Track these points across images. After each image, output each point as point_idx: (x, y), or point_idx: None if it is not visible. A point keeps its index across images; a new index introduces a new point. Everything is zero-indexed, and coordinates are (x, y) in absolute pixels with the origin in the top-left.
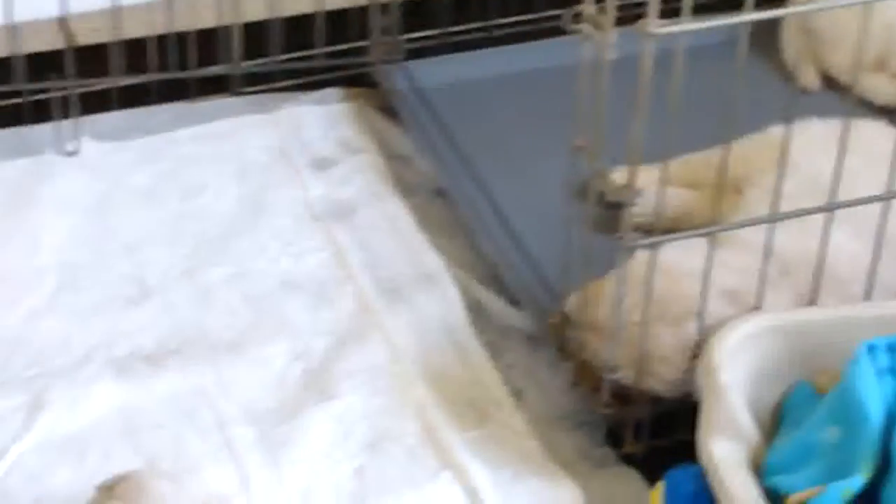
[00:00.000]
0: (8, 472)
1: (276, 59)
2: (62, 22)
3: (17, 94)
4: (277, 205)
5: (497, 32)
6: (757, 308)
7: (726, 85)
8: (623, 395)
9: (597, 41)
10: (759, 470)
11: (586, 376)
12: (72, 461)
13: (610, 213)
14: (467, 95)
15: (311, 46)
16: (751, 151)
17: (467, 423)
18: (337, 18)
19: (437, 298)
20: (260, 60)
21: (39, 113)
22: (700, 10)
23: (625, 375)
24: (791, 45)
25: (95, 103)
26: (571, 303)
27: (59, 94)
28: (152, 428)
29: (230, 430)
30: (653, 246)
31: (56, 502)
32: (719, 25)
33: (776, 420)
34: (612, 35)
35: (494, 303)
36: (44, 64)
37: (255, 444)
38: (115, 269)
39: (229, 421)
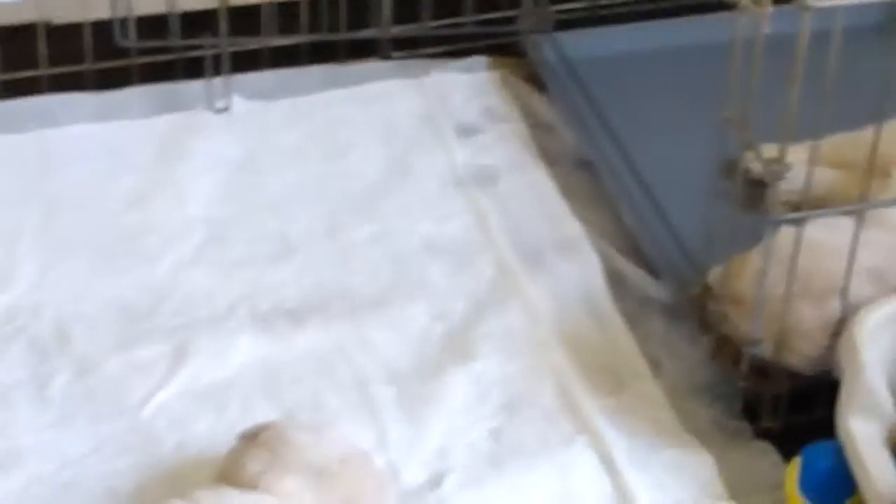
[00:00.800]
0: (152, 417)
1: (425, 26)
2: None
3: (172, 50)
4: (422, 169)
5: (646, 7)
6: None
7: (879, 66)
8: (762, 370)
9: (754, 14)
10: None
11: (725, 349)
12: (213, 410)
13: (756, 188)
14: (614, 68)
15: (461, 14)
16: None
17: (604, 391)
18: None
19: (578, 266)
20: (409, 26)
21: (192, 70)
22: None
23: (765, 350)
24: None
25: (246, 62)
26: (714, 275)
27: (211, 52)
28: (292, 382)
29: (369, 388)
30: (799, 222)
31: (197, 448)
32: (877, 2)
33: None
34: (769, 8)
35: (634, 273)
36: (198, 22)
37: (393, 402)
38: (261, 225)
39: (369, 378)
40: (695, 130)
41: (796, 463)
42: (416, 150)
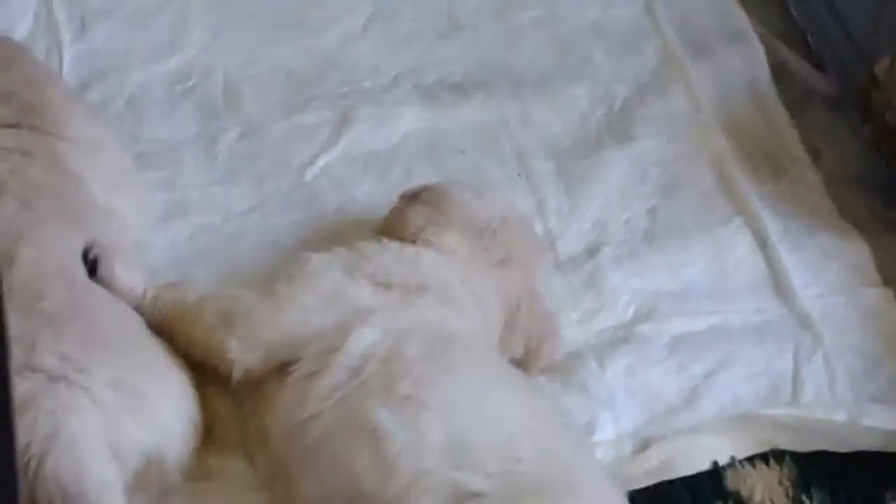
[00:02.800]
0: (316, 177)
1: None
2: None
3: None
4: None
5: None
6: None
7: None
8: None
9: None
10: None
11: (888, 139)
12: (375, 174)
13: None
14: None
15: None
16: None
17: (762, 176)
18: None
19: (742, 55)
20: None
21: None
22: None
23: None
24: None
25: None
26: (881, 66)
27: None
28: (453, 152)
29: (529, 161)
30: None
31: (358, 208)
32: None
33: None
34: None
35: (799, 65)
36: None
37: (552, 175)
38: (429, 2)
39: (529, 152)
40: None
41: None
42: None
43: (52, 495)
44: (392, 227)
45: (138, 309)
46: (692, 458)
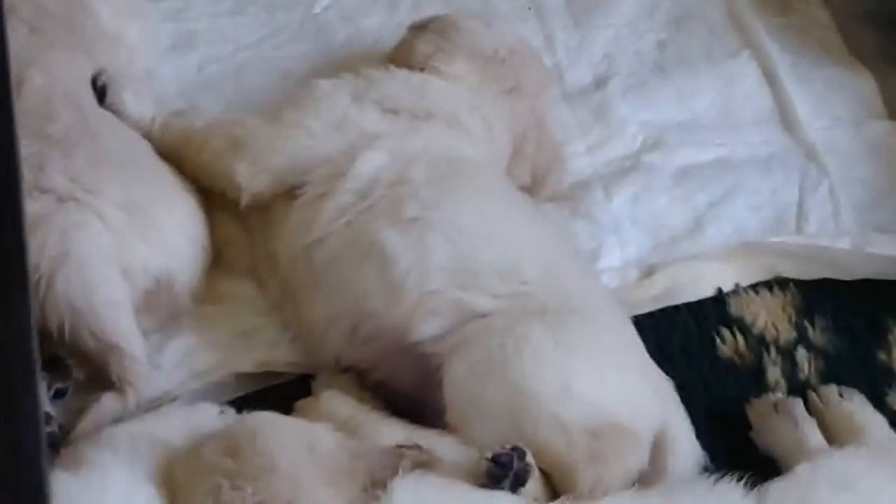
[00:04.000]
0: (326, 9)
1: None
2: None
3: None
4: None
5: None
6: None
7: None
8: None
9: None
10: None
11: None
12: (384, 7)
13: None
14: None
15: None
16: None
17: (772, 11)
18: None
19: None
20: None
21: None
22: None
23: None
24: None
25: None
26: None
27: None
28: None
29: None
30: None
31: (367, 40)
32: None
33: None
34: None
35: None
36: None
37: (562, 8)
38: None
39: None
40: None
41: None
42: None
43: (61, 313)
44: (400, 55)
45: (147, 136)
46: (697, 285)
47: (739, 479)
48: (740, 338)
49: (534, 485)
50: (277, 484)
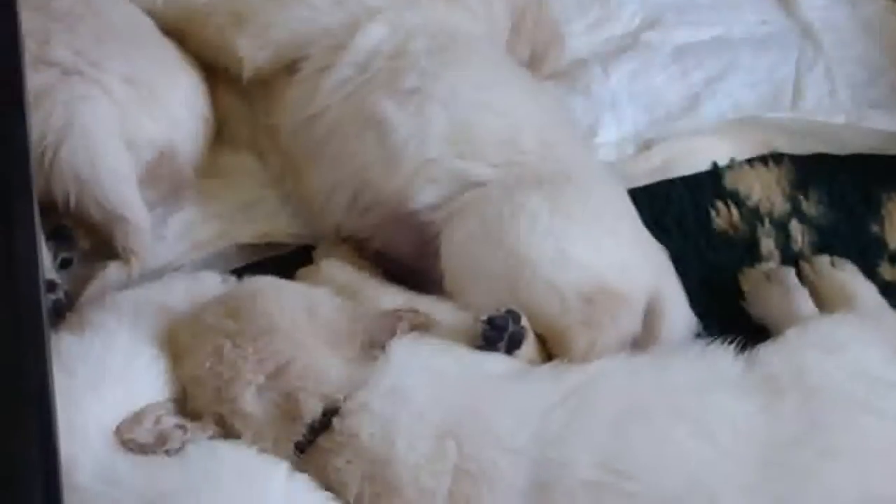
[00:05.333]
0: None
1: None
2: None
3: None
4: None
5: None
6: None
7: None
8: None
9: None
10: None
11: None
12: None
13: None
14: None
15: None
16: None
17: None
18: None
19: None
20: None
21: None
22: None
23: None
24: None
25: None
26: None
27: None
28: None
29: None
30: None
31: None
32: None
33: None
34: None
35: None
36: None
37: None
38: None
39: None
40: None
41: None
42: None
43: (66, 184)
44: None
45: (150, 13)
46: (692, 159)
47: (730, 344)
48: (735, 210)
49: (528, 348)
50: (278, 344)
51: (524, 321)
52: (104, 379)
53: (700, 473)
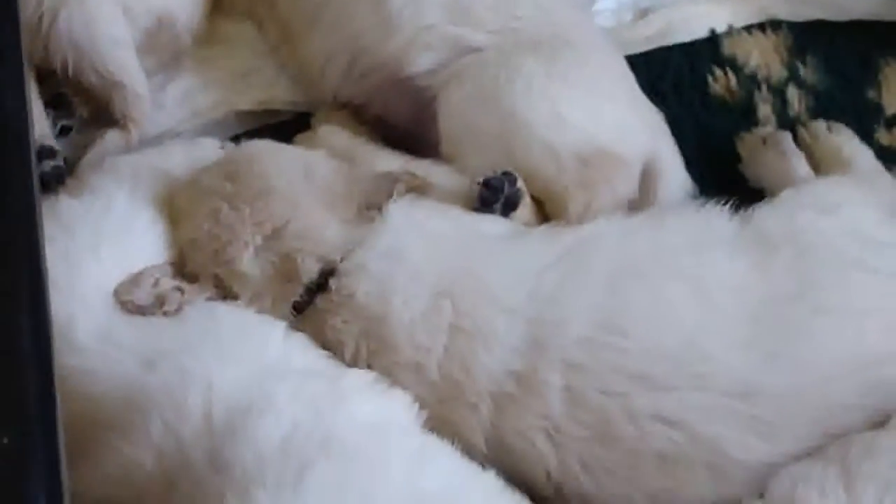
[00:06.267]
0: None
1: None
2: None
3: None
4: None
5: None
6: None
7: None
8: None
9: None
10: None
11: None
12: None
13: None
14: None
15: None
16: None
17: None
18: None
19: None
20: None
21: None
22: None
23: None
24: None
25: None
26: None
27: None
28: None
29: None
30: None
31: None
32: None
33: None
34: None
35: None
36: None
37: None
38: None
39: None
40: None
41: None
42: None
43: (64, 50)
44: None
45: None
46: (690, 26)
47: (725, 204)
48: (732, 76)
49: (524, 210)
50: (275, 205)
51: (520, 183)
52: (103, 240)
53: (694, 330)
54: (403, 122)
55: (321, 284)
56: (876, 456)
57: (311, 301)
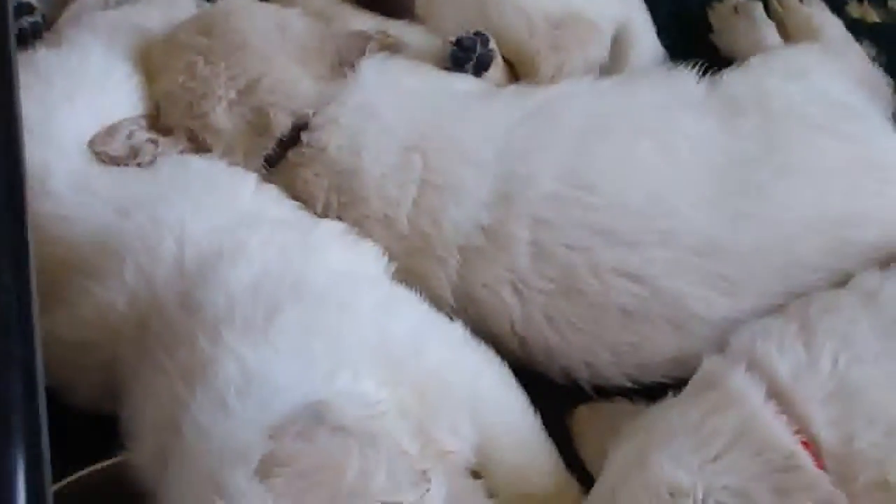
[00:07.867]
0: None
1: None
2: None
3: None
4: None
5: None
6: None
7: None
8: None
9: None
10: None
11: None
12: None
13: None
14: None
15: None
16: None
17: None
18: None
19: None
20: None
21: None
22: None
23: None
24: None
25: None
26: None
27: None
28: None
29: None
30: None
31: None
32: None
33: None
34: None
35: None
36: None
37: None
38: None
39: None
40: None
41: None
42: None
43: None
44: None
45: None
46: None
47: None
48: None
49: (496, 71)
50: (249, 59)
51: (493, 44)
52: (79, 90)
53: (660, 187)
54: None
55: (293, 138)
56: (835, 313)
57: (283, 155)
